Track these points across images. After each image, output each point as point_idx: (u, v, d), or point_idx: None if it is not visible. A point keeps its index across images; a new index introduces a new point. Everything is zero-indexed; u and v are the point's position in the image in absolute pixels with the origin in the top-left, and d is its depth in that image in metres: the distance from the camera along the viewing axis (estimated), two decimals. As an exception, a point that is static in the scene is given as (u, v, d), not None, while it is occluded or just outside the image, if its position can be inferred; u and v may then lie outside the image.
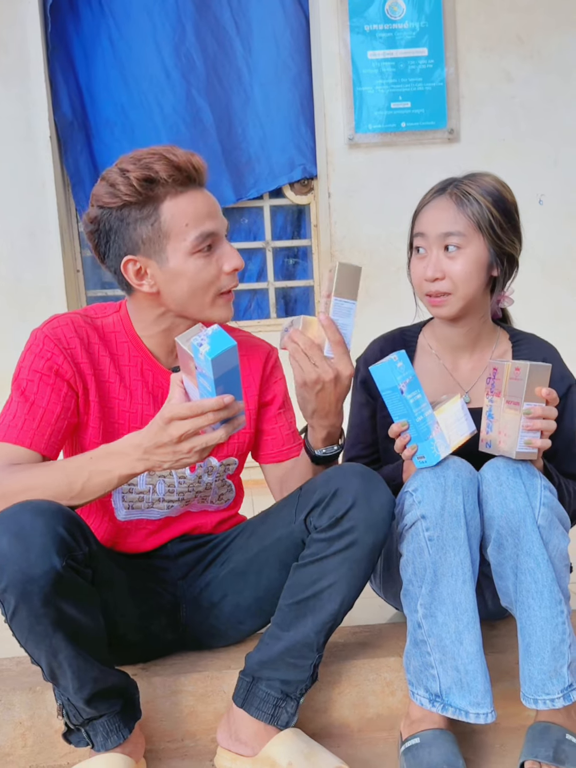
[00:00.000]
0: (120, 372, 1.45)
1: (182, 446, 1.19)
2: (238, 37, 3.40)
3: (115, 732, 1.36)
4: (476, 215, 1.48)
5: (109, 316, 1.48)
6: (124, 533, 1.52)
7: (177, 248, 1.35)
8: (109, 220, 1.36)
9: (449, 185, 1.53)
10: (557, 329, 2.57)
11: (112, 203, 1.34)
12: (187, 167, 1.34)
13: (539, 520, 1.34)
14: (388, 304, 3.06)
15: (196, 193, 1.37)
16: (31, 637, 1.23)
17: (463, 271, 1.49)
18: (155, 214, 1.34)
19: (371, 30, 3.27)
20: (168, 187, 1.34)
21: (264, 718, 1.39)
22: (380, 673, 1.58)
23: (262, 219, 3.55)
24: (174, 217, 1.34)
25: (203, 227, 1.35)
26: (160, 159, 1.32)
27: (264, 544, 1.48)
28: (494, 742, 1.51)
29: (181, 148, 1.36)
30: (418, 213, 1.56)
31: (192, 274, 1.36)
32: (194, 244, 1.34)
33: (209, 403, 1.16)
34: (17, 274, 3.22)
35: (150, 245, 1.35)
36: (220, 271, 1.38)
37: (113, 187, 1.33)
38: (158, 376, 1.48)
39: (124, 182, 1.32)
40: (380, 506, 1.33)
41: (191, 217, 1.35)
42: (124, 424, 1.46)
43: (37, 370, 1.37)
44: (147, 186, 1.32)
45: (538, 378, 1.34)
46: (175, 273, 1.36)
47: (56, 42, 3.28)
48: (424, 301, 1.57)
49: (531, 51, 3.31)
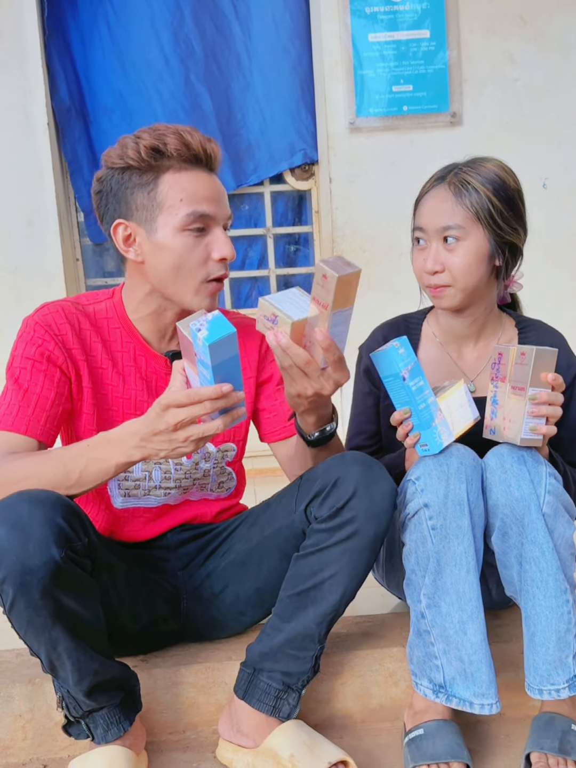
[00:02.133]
0: (112, 358, 1.44)
1: (178, 434, 1.17)
2: (237, 21, 3.36)
3: (115, 724, 1.35)
4: (475, 206, 1.44)
5: (102, 302, 1.47)
6: (121, 521, 1.50)
7: (167, 221, 1.34)
8: (111, 180, 1.37)
9: (449, 173, 1.49)
10: (561, 313, 2.54)
11: (117, 164, 1.36)
12: (198, 148, 1.35)
13: (544, 507, 1.32)
14: (389, 291, 3.03)
15: (201, 173, 1.37)
16: (29, 629, 1.22)
17: (462, 264, 1.46)
18: (154, 182, 1.34)
19: (372, 12, 3.23)
20: (173, 161, 1.35)
21: (265, 710, 1.38)
22: (383, 664, 1.56)
23: (263, 205, 3.52)
24: (171, 189, 1.34)
25: (197, 206, 1.34)
26: (174, 134, 1.34)
27: (264, 534, 1.47)
28: (499, 733, 1.50)
29: (201, 133, 1.38)
30: (418, 203, 1.53)
31: (177, 250, 1.35)
32: (185, 221, 1.34)
33: (207, 392, 1.14)
34: (16, 262, 3.20)
35: (143, 212, 1.35)
36: (208, 256, 1.36)
37: (123, 149, 1.35)
38: (151, 361, 1.46)
39: (134, 147, 1.34)
40: (382, 496, 1.30)
41: (188, 194, 1.34)
42: (118, 410, 1.45)
43: (29, 357, 1.37)
44: (153, 154, 1.34)
45: (544, 363, 1.32)
46: (160, 245, 1.35)
47: (53, 28, 3.24)
48: (426, 292, 1.55)
49: (534, 32, 3.27)
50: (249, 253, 3.57)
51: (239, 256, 3.55)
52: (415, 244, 1.53)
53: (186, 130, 1.35)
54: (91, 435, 1.41)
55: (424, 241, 1.50)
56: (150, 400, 1.45)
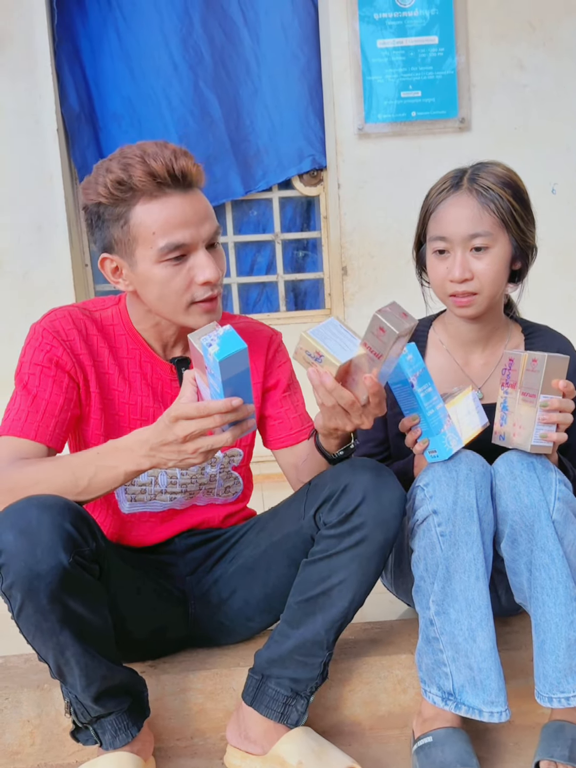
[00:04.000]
0: (119, 364, 1.44)
1: (187, 446, 1.17)
2: (246, 27, 3.36)
3: (123, 730, 1.35)
4: (501, 211, 1.43)
5: (108, 309, 1.47)
6: (128, 526, 1.51)
7: (144, 255, 1.31)
8: (91, 214, 1.35)
9: (463, 179, 1.46)
10: (570, 320, 2.53)
11: (92, 199, 1.33)
12: (163, 173, 1.28)
13: (554, 514, 1.32)
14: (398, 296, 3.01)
15: (173, 198, 1.30)
16: (37, 634, 1.22)
17: (491, 271, 1.45)
18: (125, 216, 1.30)
19: (381, 18, 3.23)
20: (141, 191, 1.29)
21: (274, 717, 1.38)
22: (392, 671, 1.55)
23: (271, 211, 3.52)
24: (143, 223, 1.29)
25: (171, 237, 1.29)
26: (140, 162, 1.28)
27: (273, 540, 1.46)
28: (508, 741, 1.49)
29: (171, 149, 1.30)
30: (433, 212, 1.48)
31: (159, 281, 1.32)
32: (160, 253, 1.30)
33: (216, 405, 1.13)
34: (25, 268, 3.21)
35: (121, 246, 1.33)
36: (191, 281, 1.33)
37: (94, 183, 1.31)
38: (157, 368, 1.47)
39: (102, 182, 1.30)
40: (391, 502, 1.30)
41: (160, 225, 1.29)
42: (124, 416, 1.45)
43: (37, 363, 1.37)
44: (120, 188, 1.29)
45: (556, 370, 1.31)
46: (144, 277, 1.33)
47: (63, 35, 3.26)
48: (447, 302, 1.52)
49: (543, 38, 3.26)
50: (257, 258, 3.57)
51: (248, 261, 3.56)
52: (434, 254, 1.49)
53: (153, 153, 1.28)
54: (98, 440, 1.42)
55: (446, 251, 1.47)
56: (155, 407, 1.46)
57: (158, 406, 1.46)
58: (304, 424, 1.55)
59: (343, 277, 3.34)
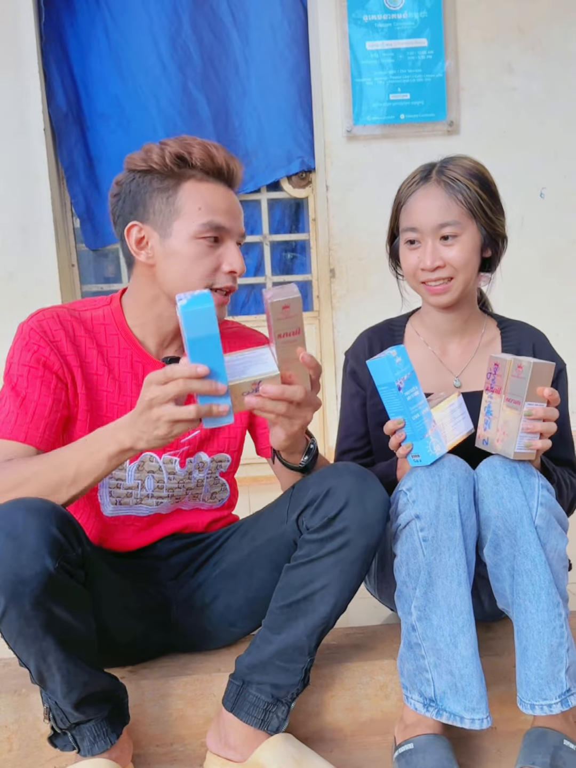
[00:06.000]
0: (108, 364, 1.43)
1: (152, 412, 1.13)
2: (235, 28, 3.36)
3: (102, 737, 1.34)
4: (469, 201, 1.47)
5: (99, 309, 1.46)
6: (111, 529, 1.49)
7: (182, 228, 1.36)
8: (131, 183, 1.39)
9: (431, 172, 1.50)
10: (558, 322, 2.54)
11: (140, 167, 1.37)
12: (222, 162, 1.38)
13: (537, 520, 1.31)
14: (385, 298, 3.00)
15: (221, 188, 1.39)
16: (20, 640, 1.20)
17: (461, 258, 1.48)
18: (174, 189, 1.36)
19: (370, 20, 3.23)
20: (196, 170, 1.37)
21: (254, 723, 1.37)
22: (374, 676, 1.54)
23: (260, 212, 3.51)
24: (190, 197, 1.36)
25: (214, 217, 1.36)
26: (200, 145, 1.37)
27: (256, 544, 1.45)
28: (491, 747, 1.48)
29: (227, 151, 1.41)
30: (404, 204, 1.53)
31: (189, 257, 1.36)
32: (200, 229, 1.35)
33: (180, 369, 1.10)
34: (10, 269, 3.19)
35: (159, 216, 1.37)
36: (218, 267, 1.38)
37: (147, 153, 1.37)
38: (149, 367, 1.45)
39: (159, 152, 1.36)
40: (374, 506, 1.29)
41: (206, 204, 1.36)
42: (112, 416, 1.43)
43: (25, 363, 1.36)
44: (177, 161, 1.36)
45: (541, 377, 1.30)
46: (173, 251, 1.36)
47: (50, 34, 3.24)
48: (420, 291, 1.54)
49: (532, 42, 3.27)
50: (246, 260, 3.54)
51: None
52: (405, 245, 1.52)
53: (212, 145, 1.38)
54: None
55: (417, 241, 1.50)
56: None
57: None
58: None
59: (331, 279, 3.33)
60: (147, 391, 1.14)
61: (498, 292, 1.65)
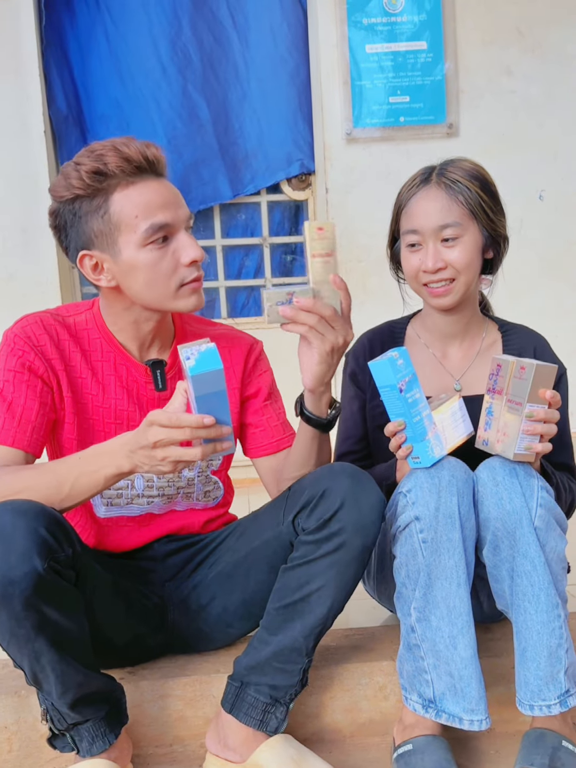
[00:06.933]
0: (92, 368, 1.44)
1: (156, 453, 1.16)
2: (235, 31, 3.36)
3: (100, 737, 1.34)
4: (470, 202, 1.47)
5: (82, 314, 1.47)
6: (105, 531, 1.49)
7: (128, 240, 1.32)
8: (64, 213, 1.35)
9: (432, 174, 1.50)
10: (558, 324, 2.55)
11: (65, 196, 1.33)
12: (138, 158, 1.31)
13: (536, 521, 1.31)
14: (385, 300, 2.99)
15: (149, 183, 1.33)
16: (12, 641, 1.21)
17: (463, 258, 1.47)
18: (105, 205, 1.31)
19: (370, 23, 3.23)
20: (118, 178, 1.31)
21: (253, 724, 1.37)
22: (373, 677, 1.54)
23: (260, 215, 3.52)
24: (124, 208, 1.31)
25: (154, 219, 1.31)
26: (112, 150, 1.30)
27: (252, 545, 1.45)
28: (489, 748, 1.48)
29: (137, 140, 1.34)
30: (404, 207, 1.53)
31: (146, 266, 1.33)
32: (145, 236, 1.31)
33: (187, 419, 1.13)
34: (10, 270, 3.19)
35: (102, 238, 1.33)
36: (178, 262, 1.34)
37: (67, 179, 1.32)
38: (132, 370, 1.46)
39: (76, 175, 1.31)
40: (370, 508, 1.29)
41: (141, 208, 1.31)
42: (98, 419, 1.44)
43: (10, 369, 1.37)
44: (96, 178, 1.30)
45: (543, 379, 1.30)
46: (129, 266, 1.33)
47: (51, 37, 3.25)
48: (422, 293, 1.54)
49: (531, 44, 3.28)
50: (245, 262, 3.56)
51: (235, 265, 3.55)
52: (407, 248, 1.52)
53: (122, 143, 1.32)
54: (72, 444, 1.41)
55: (418, 244, 1.50)
56: (130, 409, 1.45)
57: (134, 408, 1.45)
58: (285, 432, 1.55)
59: (331, 281, 3.33)
60: (150, 432, 1.15)
61: (497, 293, 1.65)
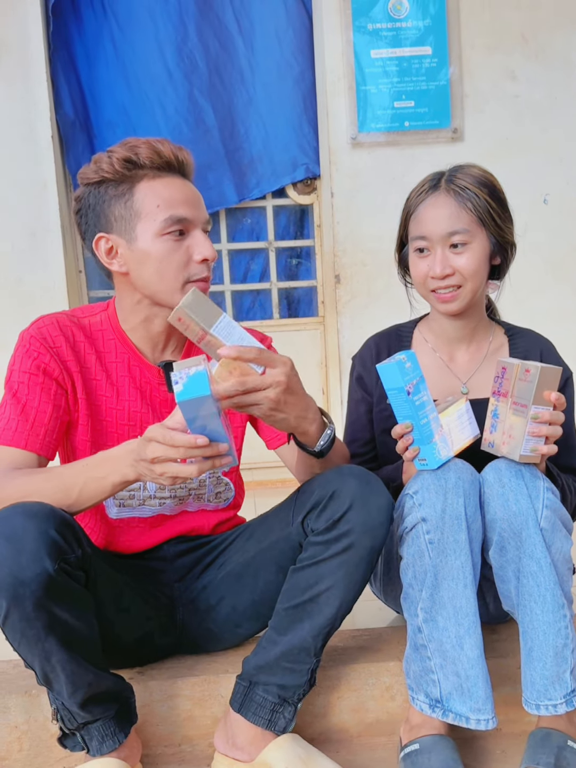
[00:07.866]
0: (106, 369, 1.45)
1: (155, 468, 1.18)
2: (241, 36, 3.38)
3: (110, 737, 1.35)
4: (478, 209, 1.48)
5: (97, 315, 1.49)
6: (116, 532, 1.51)
7: (146, 228, 1.37)
8: (88, 197, 1.40)
9: (440, 180, 1.52)
10: (563, 328, 2.55)
11: (92, 179, 1.39)
12: (169, 155, 1.38)
13: (542, 522, 1.32)
14: (390, 304, 3.02)
15: (175, 179, 1.40)
16: (23, 641, 1.22)
17: (471, 265, 1.49)
18: (129, 192, 1.37)
19: (375, 29, 3.25)
20: (146, 169, 1.38)
21: (261, 724, 1.38)
22: (380, 678, 1.56)
23: (265, 219, 3.53)
24: (147, 197, 1.37)
25: (175, 211, 1.37)
26: (146, 144, 1.37)
27: (261, 546, 1.47)
28: (495, 748, 1.49)
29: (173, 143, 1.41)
30: (413, 213, 1.54)
31: (159, 255, 1.37)
32: (163, 226, 1.36)
33: (180, 439, 1.13)
34: (18, 274, 3.21)
35: (121, 223, 1.37)
36: (190, 258, 1.38)
37: (97, 164, 1.39)
38: (145, 371, 1.48)
39: (107, 161, 1.37)
40: (378, 509, 1.31)
41: (164, 199, 1.37)
42: (111, 421, 1.45)
43: (25, 370, 1.38)
44: (126, 165, 1.36)
45: (548, 381, 1.31)
46: (142, 253, 1.37)
47: (58, 42, 3.27)
48: (429, 299, 1.55)
49: (535, 49, 3.29)
50: (251, 266, 3.57)
51: (241, 268, 3.56)
52: (415, 253, 1.54)
53: (157, 140, 1.39)
54: (85, 446, 1.43)
55: (426, 249, 1.51)
56: (143, 411, 1.47)
57: (146, 409, 1.47)
58: None
59: (336, 285, 3.35)
60: (149, 448, 1.16)
61: (503, 297, 1.67)
